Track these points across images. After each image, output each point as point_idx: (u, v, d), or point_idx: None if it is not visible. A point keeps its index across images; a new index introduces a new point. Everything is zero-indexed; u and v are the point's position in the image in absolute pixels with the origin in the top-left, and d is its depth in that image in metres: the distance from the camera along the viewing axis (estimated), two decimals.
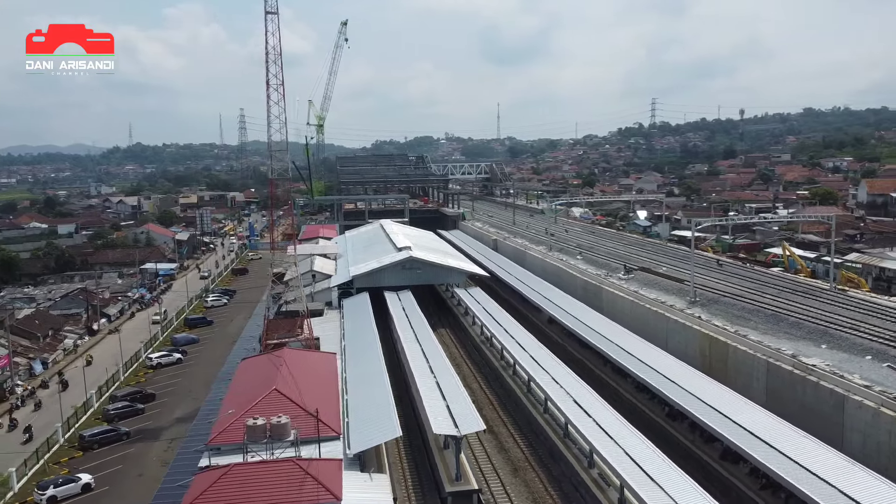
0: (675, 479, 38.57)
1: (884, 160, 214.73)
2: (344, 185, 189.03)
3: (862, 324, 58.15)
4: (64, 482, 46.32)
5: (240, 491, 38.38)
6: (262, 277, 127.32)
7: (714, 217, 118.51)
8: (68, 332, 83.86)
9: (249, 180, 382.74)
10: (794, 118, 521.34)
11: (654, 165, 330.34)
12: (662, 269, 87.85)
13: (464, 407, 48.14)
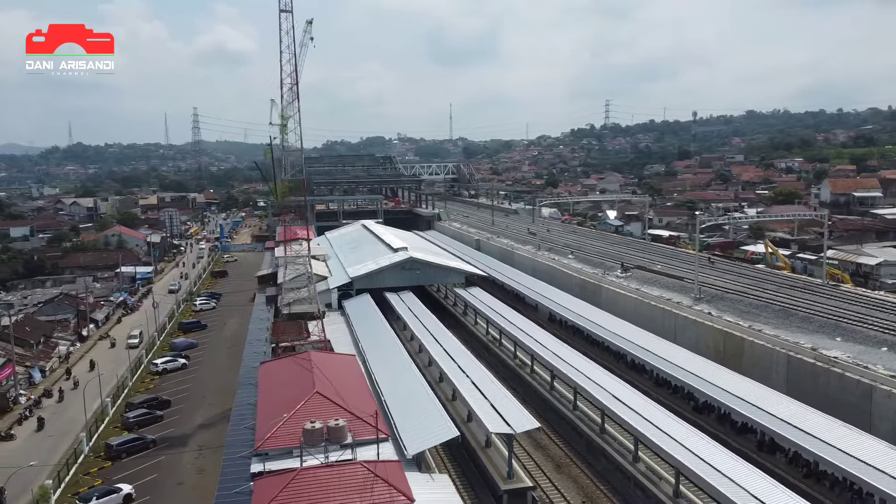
0: (731, 464, 39.76)
1: (833, 160, 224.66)
2: (315, 185, 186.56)
3: (869, 317, 61.03)
4: (104, 493, 44.84)
5: (312, 494, 38.06)
6: (243, 280, 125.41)
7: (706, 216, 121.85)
8: (59, 338, 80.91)
9: (203, 181, 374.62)
10: (737, 120, 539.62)
11: (610, 166, 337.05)
12: (658, 266, 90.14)
13: (511, 405, 48.62)
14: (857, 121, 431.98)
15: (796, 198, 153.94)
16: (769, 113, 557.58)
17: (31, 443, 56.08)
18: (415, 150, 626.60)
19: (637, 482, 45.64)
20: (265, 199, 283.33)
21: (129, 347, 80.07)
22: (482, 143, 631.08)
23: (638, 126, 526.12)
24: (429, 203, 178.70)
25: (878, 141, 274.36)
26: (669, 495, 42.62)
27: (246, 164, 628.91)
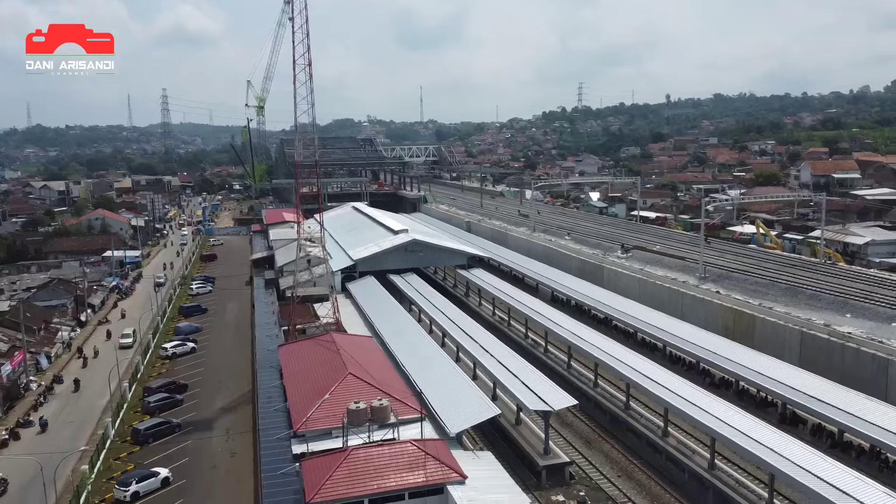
0: (769, 434, 41.04)
1: (804, 143, 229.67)
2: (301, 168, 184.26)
3: (875, 294, 63.17)
4: (143, 477, 44.48)
5: (366, 472, 38.49)
6: (233, 264, 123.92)
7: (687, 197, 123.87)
8: (59, 324, 79.29)
9: (173, 163, 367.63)
10: (705, 103, 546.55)
11: (584, 148, 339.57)
12: (656, 247, 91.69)
13: (545, 383, 49.42)
14: (822, 104, 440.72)
15: (776, 180, 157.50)
16: (736, 96, 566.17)
17: (53, 428, 55.18)
18: (385, 133, 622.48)
19: (669, 455, 46.93)
20: (240, 182, 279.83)
21: (122, 347, 73.57)
22: (453, 126, 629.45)
23: (608, 109, 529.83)
24: (413, 185, 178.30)
25: (845, 124, 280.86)
26: (705, 468, 44.00)
27: (213, 146, 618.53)
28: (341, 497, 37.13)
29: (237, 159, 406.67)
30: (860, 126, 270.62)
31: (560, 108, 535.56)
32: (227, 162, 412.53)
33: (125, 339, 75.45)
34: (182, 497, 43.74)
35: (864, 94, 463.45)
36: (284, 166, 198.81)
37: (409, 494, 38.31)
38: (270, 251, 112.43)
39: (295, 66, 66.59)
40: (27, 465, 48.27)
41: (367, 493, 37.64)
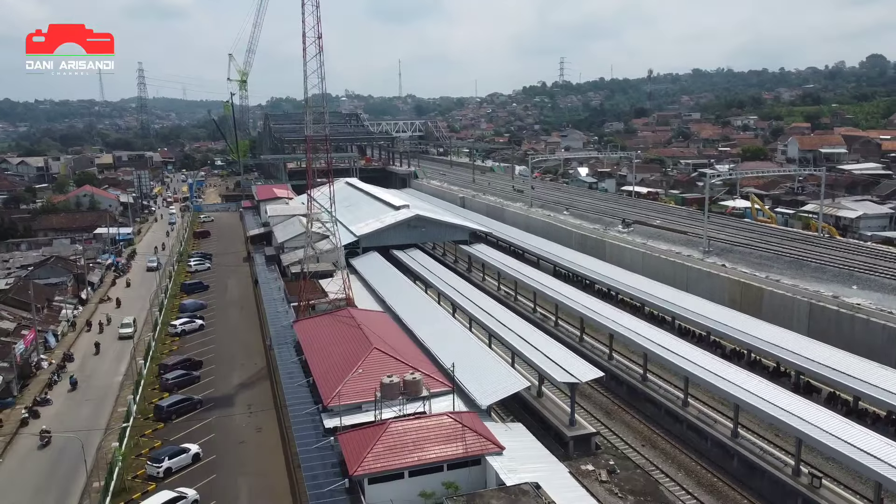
0: (789, 400, 42.26)
1: (786, 119, 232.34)
2: (287, 143, 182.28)
3: (878, 266, 64.73)
4: (175, 453, 44.52)
5: (406, 444, 38.98)
6: (227, 240, 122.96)
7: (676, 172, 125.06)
8: (61, 302, 78.28)
9: (150, 139, 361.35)
10: (684, 78, 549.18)
11: (567, 123, 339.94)
12: (657, 221, 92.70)
13: (568, 356, 50.12)
14: (799, 80, 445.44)
15: (763, 155, 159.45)
16: (714, 71, 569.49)
17: (70, 406, 54.89)
18: (364, 108, 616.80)
19: (690, 424, 48.09)
20: (222, 157, 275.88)
21: (123, 338, 69.57)
22: (432, 101, 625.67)
23: (588, 84, 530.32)
24: (402, 161, 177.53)
25: (824, 99, 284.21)
26: (728, 436, 45.19)
27: (188, 121, 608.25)
28: (383, 469, 37.65)
29: (216, 135, 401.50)
30: (839, 101, 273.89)
31: (540, 83, 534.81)
32: (206, 137, 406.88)
33: (125, 329, 70.88)
34: (214, 472, 43.90)
35: (840, 70, 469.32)
36: (270, 141, 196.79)
37: (448, 466, 38.93)
38: (266, 228, 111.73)
39: (305, 38, 65.87)
40: (52, 443, 48.17)
41: (408, 464, 38.19)
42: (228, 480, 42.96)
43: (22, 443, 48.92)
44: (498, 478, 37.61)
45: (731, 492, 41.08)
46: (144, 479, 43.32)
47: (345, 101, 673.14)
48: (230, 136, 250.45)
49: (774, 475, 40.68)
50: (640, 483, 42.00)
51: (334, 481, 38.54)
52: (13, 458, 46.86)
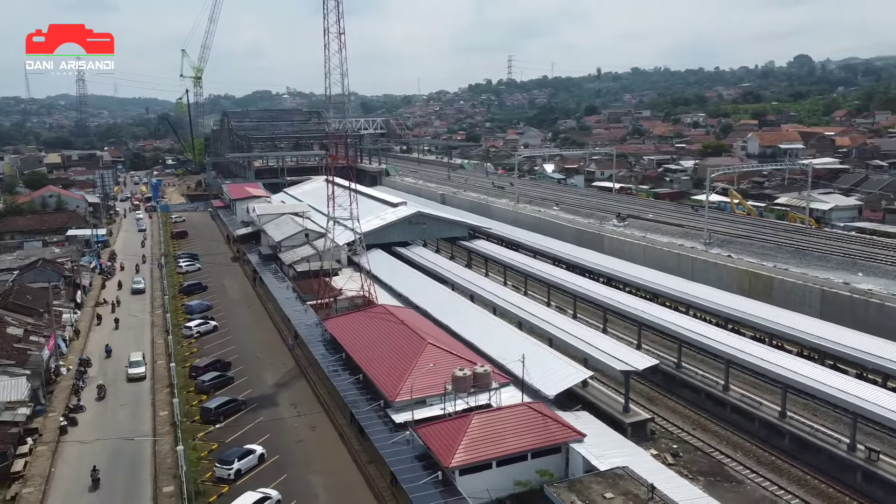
0: (835, 379, 44.97)
1: (733, 116, 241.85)
2: (254, 140, 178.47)
3: (876, 254, 68.84)
4: (243, 454, 43.81)
5: (492, 435, 39.70)
6: (206, 240, 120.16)
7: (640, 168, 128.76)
8: (59, 306, 75.17)
9: (92, 137, 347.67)
10: (624, 77, 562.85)
11: (517, 121, 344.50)
12: (650, 215, 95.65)
13: (618, 346, 51.70)
14: (734, 79, 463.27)
15: (724, 150, 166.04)
16: (652, 70, 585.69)
17: (105, 412, 53.18)
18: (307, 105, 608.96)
19: (735, 407, 50.29)
20: (173, 156, 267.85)
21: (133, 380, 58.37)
22: (375, 98, 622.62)
23: (533, 82, 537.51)
24: (371, 158, 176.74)
25: (764, 97, 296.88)
26: (775, 416, 47.53)
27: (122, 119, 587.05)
28: (475, 460, 38.29)
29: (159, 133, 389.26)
30: (777, 100, 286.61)
31: (486, 81, 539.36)
32: (147, 136, 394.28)
33: (136, 369, 59.13)
34: (284, 472, 43.48)
35: (771, 69, 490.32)
36: (231, 139, 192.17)
37: (532, 455, 39.82)
38: (253, 227, 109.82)
39: (326, 34, 65.53)
40: (101, 450, 46.74)
41: (496, 455, 38.91)
42: (300, 479, 42.68)
43: (68, 451, 47.26)
44: (586, 463, 38.76)
45: (791, 468, 43.29)
46: (214, 482, 42.59)
47: (287, 99, 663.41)
48: (183, 135, 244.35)
49: (830, 451, 43.13)
50: (706, 464, 43.91)
51: (421, 475, 38.91)
52: (65, 466, 45.22)
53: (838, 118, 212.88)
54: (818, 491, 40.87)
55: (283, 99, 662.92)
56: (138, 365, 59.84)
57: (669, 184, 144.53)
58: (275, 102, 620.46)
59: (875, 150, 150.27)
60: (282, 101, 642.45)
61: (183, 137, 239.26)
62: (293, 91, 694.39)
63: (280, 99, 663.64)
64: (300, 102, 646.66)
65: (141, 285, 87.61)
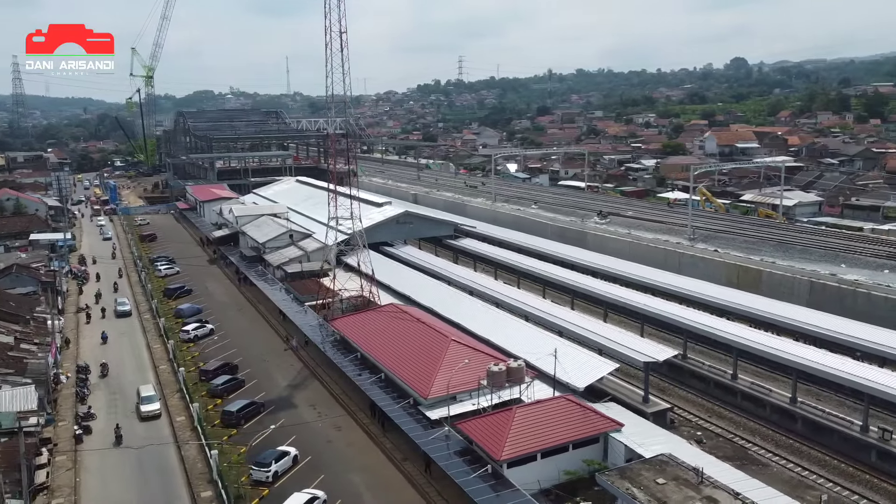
0: (846, 364, 47.43)
1: (683, 116, 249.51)
2: (216, 141, 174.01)
3: (854, 247, 72.56)
4: (279, 457, 43.26)
5: (535, 427, 40.56)
6: (176, 242, 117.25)
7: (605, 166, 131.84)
8: (42, 312, 72.30)
9: (30, 138, 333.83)
10: (569, 78, 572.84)
11: (470, 121, 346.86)
12: (629, 212, 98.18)
13: (636, 338, 53.25)
14: (676, 80, 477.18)
15: (682, 150, 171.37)
16: (596, 72, 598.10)
17: (118, 420, 51.63)
18: (251, 106, 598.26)
19: (745, 395, 52.44)
20: (121, 157, 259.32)
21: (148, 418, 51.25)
22: (321, 99, 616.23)
23: (481, 83, 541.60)
24: None
25: (708, 98, 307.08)
26: (786, 402, 49.81)
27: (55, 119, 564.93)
28: (523, 452, 39.07)
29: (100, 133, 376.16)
30: (721, 101, 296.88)
31: (434, 81, 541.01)
32: (88, 137, 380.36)
33: (150, 406, 52.01)
34: (321, 472, 43.24)
35: (711, 72, 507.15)
36: (189, 140, 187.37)
37: (573, 445, 40.80)
38: (226, 229, 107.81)
39: (329, 33, 65.17)
40: (125, 458, 45.55)
41: (541, 446, 39.76)
42: (339, 478, 42.56)
43: (89, 460, 45.85)
44: (628, 451, 39.99)
45: (810, 450, 45.52)
46: (252, 485, 42.07)
47: (231, 99, 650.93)
48: (133, 135, 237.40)
49: (844, 432, 45.55)
50: (729, 449, 45.62)
51: (467, 469, 39.36)
52: (90, 476, 43.85)
53: (783, 118, 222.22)
54: (839, 470, 43.12)
55: (227, 99, 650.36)
56: (151, 401, 52.57)
57: (633, 182, 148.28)
58: (218, 102, 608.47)
59: (823, 148, 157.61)
60: (225, 101, 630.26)
61: (132, 138, 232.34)
62: (237, 91, 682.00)
63: (223, 99, 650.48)
64: (244, 102, 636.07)
65: (126, 307, 77.87)
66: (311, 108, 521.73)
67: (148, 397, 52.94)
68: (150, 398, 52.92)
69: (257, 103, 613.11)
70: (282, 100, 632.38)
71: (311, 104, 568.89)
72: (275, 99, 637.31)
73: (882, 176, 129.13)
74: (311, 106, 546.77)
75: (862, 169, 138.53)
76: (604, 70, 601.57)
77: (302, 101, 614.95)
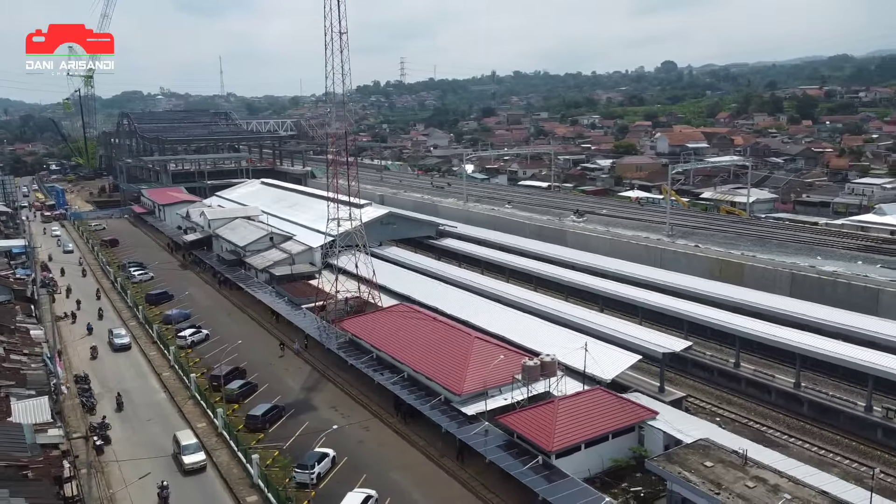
0: (845, 348, 50.60)
1: (626, 118, 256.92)
2: (169, 143, 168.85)
3: (826, 240, 76.95)
4: (320, 458, 42.91)
5: (577, 419, 41.90)
6: (139, 247, 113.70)
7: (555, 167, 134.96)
8: (23, 322, 68.96)
9: None
10: (506, 80, 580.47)
11: (412, 122, 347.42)
12: (603, 211, 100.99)
13: (648, 331, 55.19)
14: (611, 82, 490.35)
15: (633, 150, 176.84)
16: (532, 74, 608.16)
17: (134, 428, 50.23)
18: (184, 107, 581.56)
19: (749, 381, 55.19)
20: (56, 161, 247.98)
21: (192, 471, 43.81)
22: (255, 100, 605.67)
23: (420, 84, 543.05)
24: (292, 160, 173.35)
25: (647, 100, 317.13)
26: (790, 387, 52.74)
27: None
28: (571, 442, 40.25)
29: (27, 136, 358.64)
30: (658, 102, 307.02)
31: (374, 83, 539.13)
32: (12, 139, 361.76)
33: (194, 457, 44.12)
34: (362, 472, 43.30)
35: (643, 74, 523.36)
36: (136, 142, 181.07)
37: (612, 434, 42.27)
38: (198, 232, 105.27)
39: (330, 32, 64.96)
40: (153, 467, 44.37)
41: (586, 437, 41.06)
42: (383, 477, 42.72)
43: (116, 471, 44.46)
44: (667, 437, 41.72)
45: (821, 430, 48.40)
46: (296, 488, 41.79)
47: (161, 100, 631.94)
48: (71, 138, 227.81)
49: (849, 412, 48.66)
50: (748, 433, 47.88)
51: (517, 462, 40.18)
52: (120, 486, 42.53)
53: (722, 119, 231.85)
54: (851, 447, 46.06)
55: (158, 100, 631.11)
56: (194, 450, 44.51)
57: (592, 182, 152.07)
58: (148, 104, 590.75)
59: (766, 148, 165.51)
60: (156, 103, 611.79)
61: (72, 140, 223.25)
62: (167, 92, 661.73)
63: (154, 100, 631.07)
64: (176, 103, 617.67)
65: (125, 339, 67.29)
66: (248, 110, 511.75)
67: (189, 446, 44.74)
68: (193, 447, 44.78)
69: (189, 104, 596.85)
70: (215, 101, 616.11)
71: (248, 105, 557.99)
72: (208, 100, 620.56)
73: (825, 173, 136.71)
74: (248, 107, 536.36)
75: (805, 167, 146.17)
76: (540, 72, 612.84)
77: (237, 102, 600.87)
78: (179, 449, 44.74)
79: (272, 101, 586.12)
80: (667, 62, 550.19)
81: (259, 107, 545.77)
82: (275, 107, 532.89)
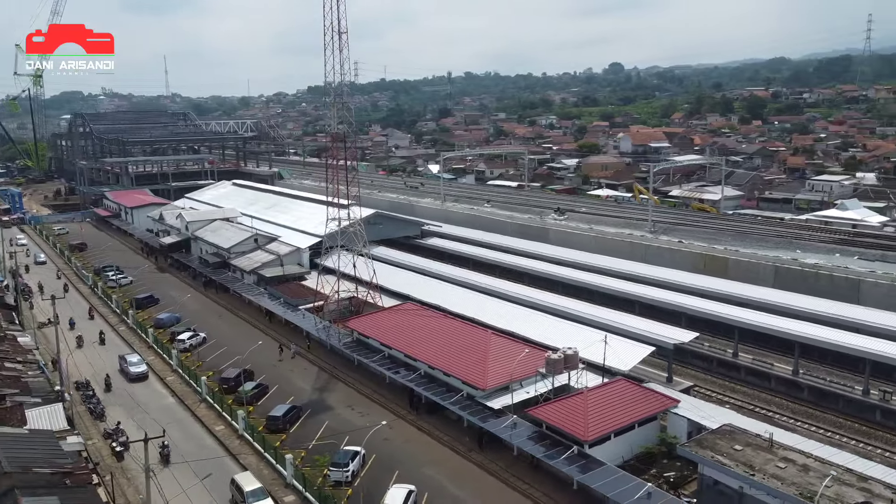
0: (840, 335, 53.38)
1: (584, 119, 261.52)
2: (130, 144, 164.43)
3: (803, 235, 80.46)
4: (353, 456, 42.89)
5: (606, 409, 43.25)
6: (108, 251, 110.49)
7: None
8: (7, 329, 66.42)
9: None
10: (457, 81, 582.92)
11: (368, 122, 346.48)
12: (582, 209, 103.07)
13: (655, 324, 56.95)
14: (561, 84, 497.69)
15: (597, 149, 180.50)
16: (483, 75, 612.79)
17: None
18: (128, 108, 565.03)
19: (749, 370, 57.54)
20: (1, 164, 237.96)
21: None
22: (202, 100, 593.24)
23: (372, 85, 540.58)
24: (257, 161, 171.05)
25: (600, 101, 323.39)
26: (789, 374, 55.26)
27: None
28: (604, 432, 41.46)
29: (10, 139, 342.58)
30: (611, 103, 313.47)
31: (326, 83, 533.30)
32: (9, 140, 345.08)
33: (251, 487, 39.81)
34: (394, 469, 43.63)
35: (592, 76, 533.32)
36: (90, 144, 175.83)
37: (638, 423, 43.69)
38: (175, 235, 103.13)
39: (330, 32, 64.81)
40: (179, 472, 43.71)
41: (616, 425, 42.35)
42: (416, 473, 43.13)
43: (141, 477, 43.49)
44: (691, 424, 43.38)
45: (823, 414, 50.89)
46: (332, 486, 41.84)
47: (104, 101, 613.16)
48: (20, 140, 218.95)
49: (848, 396, 51.32)
50: (757, 418, 50.07)
51: (552, 453, 41.08)
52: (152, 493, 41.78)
53: (677, 120, 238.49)
54: (854, 429, 48.60)
55: (100, 100, 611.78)
56: (260, 497, 39.15)
57: (560, 181, 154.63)
58: (89, 104, 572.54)
59: (723, 147, 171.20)
60: (98, 103, 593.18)
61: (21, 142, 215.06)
62: (109, 92, 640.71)
63: (95, 100, 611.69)
64: (119, 103, 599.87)
65: (142, 368, 60.08)
66: (196, 111, 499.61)
67: (255, 492, 39.32)
68: (258, 493, 39.39)
69: (133, 105, 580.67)
70: (160, 101, 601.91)
71: (196, 106, 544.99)
72: (152, 101, 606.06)
73: (783, 171, 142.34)
74: (196, 108, 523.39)
75: (762, 166, 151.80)
76: (490, 73, 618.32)
77: (183, 103, 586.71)
78: (243, 497, 39.11)
79: (220, 101, 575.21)
80: (614, 64, 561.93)
81: (208, 107, 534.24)
82: (224, 107, 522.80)
